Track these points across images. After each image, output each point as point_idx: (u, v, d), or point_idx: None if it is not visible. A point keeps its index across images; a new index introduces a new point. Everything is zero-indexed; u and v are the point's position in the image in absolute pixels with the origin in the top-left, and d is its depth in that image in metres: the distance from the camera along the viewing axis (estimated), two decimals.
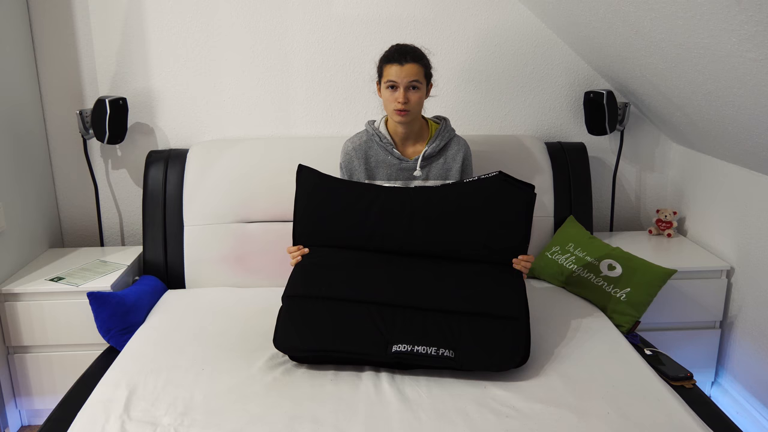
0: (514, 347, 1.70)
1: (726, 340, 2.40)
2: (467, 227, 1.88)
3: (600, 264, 2.21)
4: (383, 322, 1.72)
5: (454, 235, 1.89)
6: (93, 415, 1.56)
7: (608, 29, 2.10)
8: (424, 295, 1.79)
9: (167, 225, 2.38)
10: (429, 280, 1.83)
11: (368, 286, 1.81)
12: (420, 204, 1.90)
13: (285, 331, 1.74)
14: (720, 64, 1.69)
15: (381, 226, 1.90)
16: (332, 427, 1.50)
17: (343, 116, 2.62)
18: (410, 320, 1.73)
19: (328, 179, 1.97)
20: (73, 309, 2.14)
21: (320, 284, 1.82)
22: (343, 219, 1.92)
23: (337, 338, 1.70)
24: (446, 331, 1.70)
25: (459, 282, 1.82)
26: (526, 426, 1.50)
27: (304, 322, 1.75)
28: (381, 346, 1.68)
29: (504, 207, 1.88)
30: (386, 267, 1.86)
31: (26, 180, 2.38)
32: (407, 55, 1.94)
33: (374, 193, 1.94)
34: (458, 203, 1.89)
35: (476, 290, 1.80)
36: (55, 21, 2.45)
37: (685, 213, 2.67)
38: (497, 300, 1.78)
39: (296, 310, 1.78)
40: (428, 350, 1.67)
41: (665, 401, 1.59)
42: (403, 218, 1.89)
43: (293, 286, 1.85)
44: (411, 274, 1.84)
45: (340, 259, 1.89)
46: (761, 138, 1.91)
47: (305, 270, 1.88)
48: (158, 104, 2.57)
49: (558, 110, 2.69)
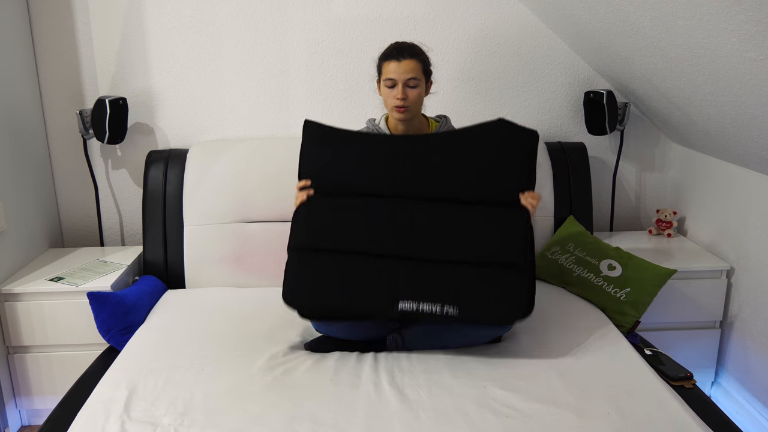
0: (518, 299, 1.72)
1: (726, 340, 2.40)
2: (472, 168, 1.86)
3: (600, 264, 2.21)
4: (389, 276, 1.75)
5: (460, 176, 1.87)
6: (93, 415, 1.56)
7: (608, 29, 2.10)
8: (428, 247, 1.79)
9: (167, 225, 2.38)
10: (434, 230, 1.81)
11: (373, 239, 1.80)
12: (423, 149, 1.88)
13: (293, 287, 1.77)
14: (720, 64, 1.69)
15: (386, 170, 1.88)
16: (332, 427, 1.50)
17: (343, 116, 2.62)
18: (415, 273, 1.75)
19: (333, 130, 1.95)
20: (73, 309, 2.14)
21: (326, 236, 1.82)
22: (347, 163, 1.90)
23: (344, 295, 1.73)
24: (450, 285, 1.73)
25: (464, 230, 1.81)
26: (526, 426, 1.50)
27: (311, 278, 1.77)
28: (388, 302, 1.71)
29: (508, 147, 1.86)
30: (391, 217, 1.83)
31: (26, 180, 2.38)
32: (405, 52, 1.94)
33: (378, 140, 1.93)
34: (462, 146, 1.88)
35: (480, 238, 1.79)
36: (55, 21, 2.45)
37: (685, 213, 2.67)
38: (501, 247, 1.78)
39: (303, 265, 1.80)
40: (433, 308, 1.70)
41: (665, 401, 1.59)
42: (408, 162, 1.87)
43: (297, 236, 1.84)
44: (416, 224, 1.82)
45: (344, 209, 1.86)
46: (761, 138, 1.91)
47: (309, 220, 1.86)
48: (158, 104, 2.57)
49: (558, 110, 2.69)
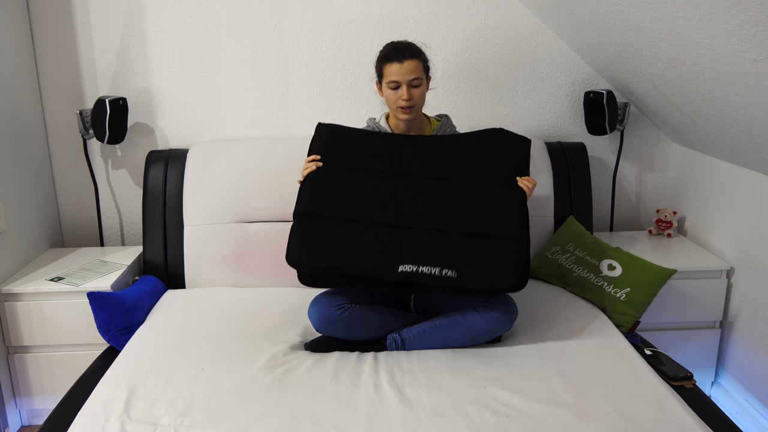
0: (513, 266, 1.79)
1: (726, 340, 2.40)
2: (471, 156, 1.98)
3: (600, 264, 2.21)
4: (391, 242, 1.81)
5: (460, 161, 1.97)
6: (93, 415, 1.56)
7: (608, 29, 2.10)
8: (430, 219, 1.87)
9: (167, 225, 2.38)
10: (435, 205, 1.90)
11: (377, 208, 1.88)
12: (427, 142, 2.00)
13: (296, 248, 1.82)
14: (720, 64, 1.69)
15: (390, 155, 1.97)
16: (332, 427, 1.50)
17: (344, 116, 2.62)
18: (416, 241, 1.81)
19: (345, 128, 2.07)
20: (73, 309, 2.14)
21: (331, 204, 1.89)
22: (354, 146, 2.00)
23: (346, 256, 1.78)
24: (449, 251, 1.79)
25: (464, 205, 1.90)
26: (526, 426, 1.50)
27: (314, 240, 1.83)
28: (388, 265, 1.77)
29: (505, 146, 2.02)
30: (394, 192, 1.91)
31: (26, 180, 2.38)
32: (405, 52, 1.94)
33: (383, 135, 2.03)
34: (463, 141, 2.02)
35: (480, 212, 1.88)
36: (55, 21, 2.45)
37: (685, 213, 2.67)
38: (499, 221, 1.87)
39: (307, 229, 1.86)
40: (432, 270, 1.75)
41: (665, 401, 1.59)
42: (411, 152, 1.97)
43: (304, 203, 1.91)
44: (418, 199, 1.90)
45: (350, 180, 1.94)
46: (761, 138, 1.91)
47: (316, 189, 1.93)
48: (158, 104, 2.57)
49: (558, 110, 2.69)
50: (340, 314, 1.82)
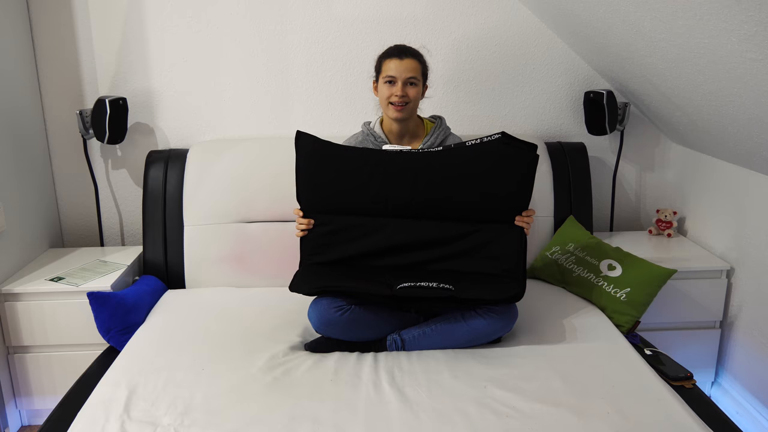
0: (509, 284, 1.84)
1: (726, 340, 2.40)
2: (469, 191, 1.89)
3: (600, 264, 2.21)
4: (392, 276, 1.85)
5: (457, 197, 1.90)
6: (93, 415, 1.56)
7: (608, 29, 2.10)
8: (428, 261, 1.92)
9: (167, 225, 2.38)
10: (432, 246, 1.92)
11: (374, 254, 1.93)
12: (422, 166, 1.89)
13: (299, 284, 1.86)
14: (720, 64, 1.69)
15: (385, 189, 1.91)
16: (332, 427, 1.50)
17: (343, 116, 2.62)
18: (414, 275, 1.86)
19: (327, 145, 1.94)
20: (73, 309, 2.14)
21: (331, 252, 1.93)
22: (345, 183, 1.91)
23: (348, 281, 1.83)
24: (447, 277, 1.83)
25: (461, 245, 1.91)
26: (526, 426, 1.50)
27: (318, 274, 1.89)
28: (388, 285, 1.80)
29: (506, 171, 1.87)
30: (391, 235, 1.92)
31: (26, 180, 2.38)
32: (407, 51, 1.99)
33: (376, 158, 1.91)
34: (460, 169, 1.89)
35: (477, 255, 1.91)
36: (55, 21, 2.45)
37: (685, 213, 2.67)
38: (496, 264, 1.89)
39: (310, 269, 1.93)
40: (430, 284, 1.78)
41: (665, 401, 1.60)
42: (407, 181, 1.89)
43: (306, 258, 1.96)
44: (415, 240, 1.92)
45: (346, 229, 1.94)
46: (761, 138, 1.91)
47: (315, 244, 1.95)
48: (158, 104, 2.57)
49: (558, 110, 2.69)
50: (340, 316, 1.82)
